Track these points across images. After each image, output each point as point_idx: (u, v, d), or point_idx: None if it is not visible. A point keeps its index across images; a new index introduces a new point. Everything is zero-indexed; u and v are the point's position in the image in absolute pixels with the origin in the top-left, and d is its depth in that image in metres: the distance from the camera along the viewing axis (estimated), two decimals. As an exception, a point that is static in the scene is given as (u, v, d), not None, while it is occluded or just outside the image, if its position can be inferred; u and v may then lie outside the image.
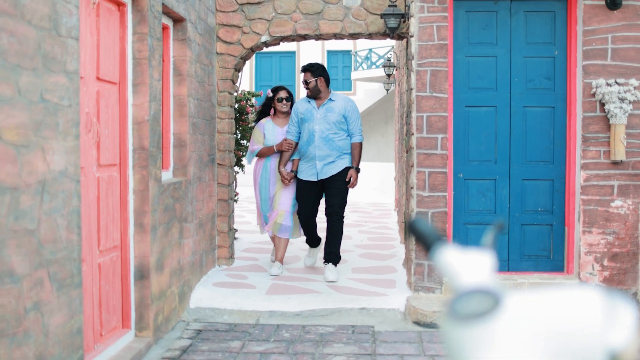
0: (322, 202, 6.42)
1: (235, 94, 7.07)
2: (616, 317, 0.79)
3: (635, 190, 5.40)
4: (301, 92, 21.23)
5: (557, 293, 0.81)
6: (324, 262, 6.17)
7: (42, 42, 2.94)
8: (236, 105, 7.51)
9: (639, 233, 5.40)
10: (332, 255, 6.14)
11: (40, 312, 2.91)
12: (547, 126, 5.64)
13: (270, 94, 6.58)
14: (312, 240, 6.57)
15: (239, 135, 7.95)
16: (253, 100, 8.34)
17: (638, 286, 5.41)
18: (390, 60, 15.86)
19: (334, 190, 6.14)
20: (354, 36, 6.53)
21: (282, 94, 6.45)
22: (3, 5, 2.61)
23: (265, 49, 7.39)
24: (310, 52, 21.24)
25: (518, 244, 5.70)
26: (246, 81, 22.21)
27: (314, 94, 6.16)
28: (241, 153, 7.91)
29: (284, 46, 7.88)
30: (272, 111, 6.57)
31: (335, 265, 6.16)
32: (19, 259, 2.73)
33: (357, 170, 6.15)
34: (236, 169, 7.74)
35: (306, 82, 6.16)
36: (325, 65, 20.56)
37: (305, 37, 6.59)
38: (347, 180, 6.10)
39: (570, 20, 5.56)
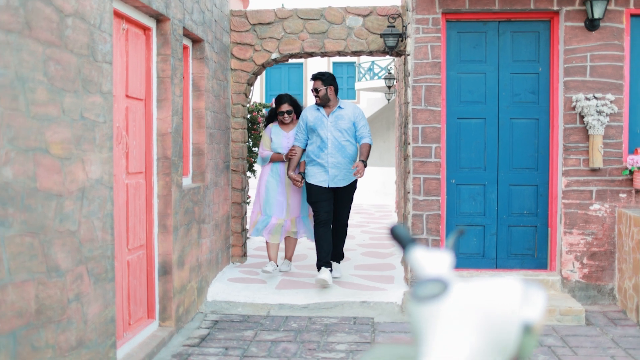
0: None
1: (247, 105, 7.30)
2: (530, 299, 1.01)
3: (611, 194, 5.59)
4: (309, 101, 21.44)
5: (488, 281, 1.04)
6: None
7: (82, 68, 3.19)
8: (248, 116, 7.74)
9: (616, 234, 5.59)
10: (337, 255, 6.31)
11: (80, 302, 3.16)
12: (532, 136, 5.83)
13: (274, 105, 6.48)
14: (324, 253, 5.87)
15: (251, 143, 8.17)
16: (264, 111, 8.55)
17: (615, 282, 5.60)
18: (391, 72, 16.06)
19: (344, 202, 6.06)
20: (356, 53, 6.74)
21: (284, 108, 6.32)
22: (50, 38, 2.86)
23: (274, 63, 7.57)
24: (317, 63, 21.47)
25: (505, 244, 5.89)
26: (257, 91, 22.44)
27: (323, 102, 5.97)
28: (253, 160, 8.13)
29: (293, 58, 8.03)
30: (278, 118, 6.47)
31: (339, 263, 6.35)
32: (63, 256, 2.98)
33: (365, 164, 5.78)
34: (248, 174, 7.96)
35: (316, 90, 5.96)
36: (331, 76, 20.73)
37: (311, 55, 6.81)
38: (353, 168, 5.69)
39: (553, 40, 5.76)
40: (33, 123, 2.70)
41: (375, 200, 15.37)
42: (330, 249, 5.92)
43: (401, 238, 1.29)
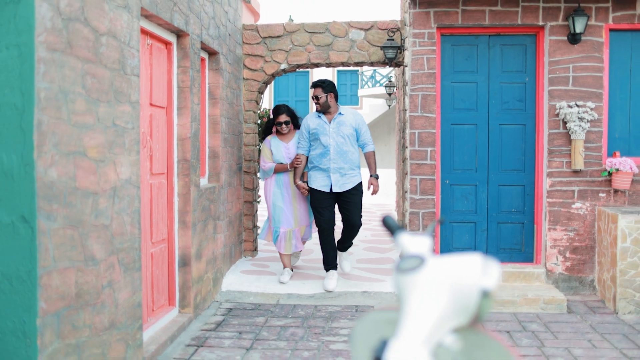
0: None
1: (258, 112, 7.50)
2: (488, 270, 1.23)
3: (592, 194, 5.77)
4: (314, 108, 21.63)
5: (455, 257, 1.26)
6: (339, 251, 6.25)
7: (114, 80, 3.41)
8: (258, 121, 7.94)
9: (596, 230, 5.77)
10: (343, 247, 6.24)
11: (112, 288, 3.37)
12: (519, 141, 6.01)
13: (272, 116, 6.20)
14: (330, 259, 5.91)
15: (261, 146, 8.36)
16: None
17: (595, 274, 5.78)
18: (391, 80, 16.25)
19: (352, 205, 5.75)
20: (358, 64, 6.93)
21: (282, 119, 6.02)
22: (88, 55, 3.08)
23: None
24: (322, 71, 21.67)
25: (495, 239, 6.07)
26: (266, 97, 22.65)
27: (323, 109, 5.76)
28: (263, 162, 8.29)
29: (299, 69, 8.22)
30: (274, 129, 6.21)
31: (345, 251, 6.22)
32: (98, 247, 3.20)
33: (376, 177, 5.73)
34: (259, 175, 8.14)
35: (317, 98, 5.75)
36: (336, 84, 20.93)
37: (317, 65, 7.00)
38: (369, 188, 5.73)
39: (539, 52, 5.94)
40: (73, 130, 2.92)
41: (377, 200, 15.54)
42: (335, 253, 5.90)
43: (390, 226, 1.51)
